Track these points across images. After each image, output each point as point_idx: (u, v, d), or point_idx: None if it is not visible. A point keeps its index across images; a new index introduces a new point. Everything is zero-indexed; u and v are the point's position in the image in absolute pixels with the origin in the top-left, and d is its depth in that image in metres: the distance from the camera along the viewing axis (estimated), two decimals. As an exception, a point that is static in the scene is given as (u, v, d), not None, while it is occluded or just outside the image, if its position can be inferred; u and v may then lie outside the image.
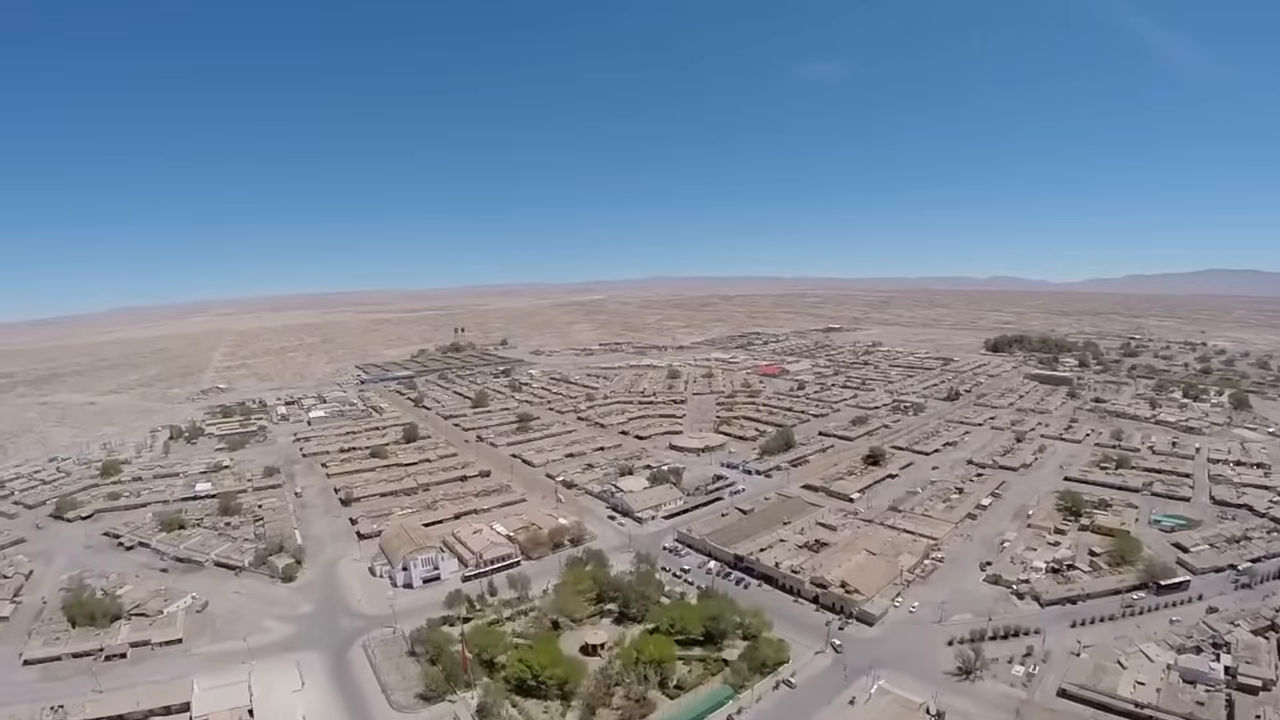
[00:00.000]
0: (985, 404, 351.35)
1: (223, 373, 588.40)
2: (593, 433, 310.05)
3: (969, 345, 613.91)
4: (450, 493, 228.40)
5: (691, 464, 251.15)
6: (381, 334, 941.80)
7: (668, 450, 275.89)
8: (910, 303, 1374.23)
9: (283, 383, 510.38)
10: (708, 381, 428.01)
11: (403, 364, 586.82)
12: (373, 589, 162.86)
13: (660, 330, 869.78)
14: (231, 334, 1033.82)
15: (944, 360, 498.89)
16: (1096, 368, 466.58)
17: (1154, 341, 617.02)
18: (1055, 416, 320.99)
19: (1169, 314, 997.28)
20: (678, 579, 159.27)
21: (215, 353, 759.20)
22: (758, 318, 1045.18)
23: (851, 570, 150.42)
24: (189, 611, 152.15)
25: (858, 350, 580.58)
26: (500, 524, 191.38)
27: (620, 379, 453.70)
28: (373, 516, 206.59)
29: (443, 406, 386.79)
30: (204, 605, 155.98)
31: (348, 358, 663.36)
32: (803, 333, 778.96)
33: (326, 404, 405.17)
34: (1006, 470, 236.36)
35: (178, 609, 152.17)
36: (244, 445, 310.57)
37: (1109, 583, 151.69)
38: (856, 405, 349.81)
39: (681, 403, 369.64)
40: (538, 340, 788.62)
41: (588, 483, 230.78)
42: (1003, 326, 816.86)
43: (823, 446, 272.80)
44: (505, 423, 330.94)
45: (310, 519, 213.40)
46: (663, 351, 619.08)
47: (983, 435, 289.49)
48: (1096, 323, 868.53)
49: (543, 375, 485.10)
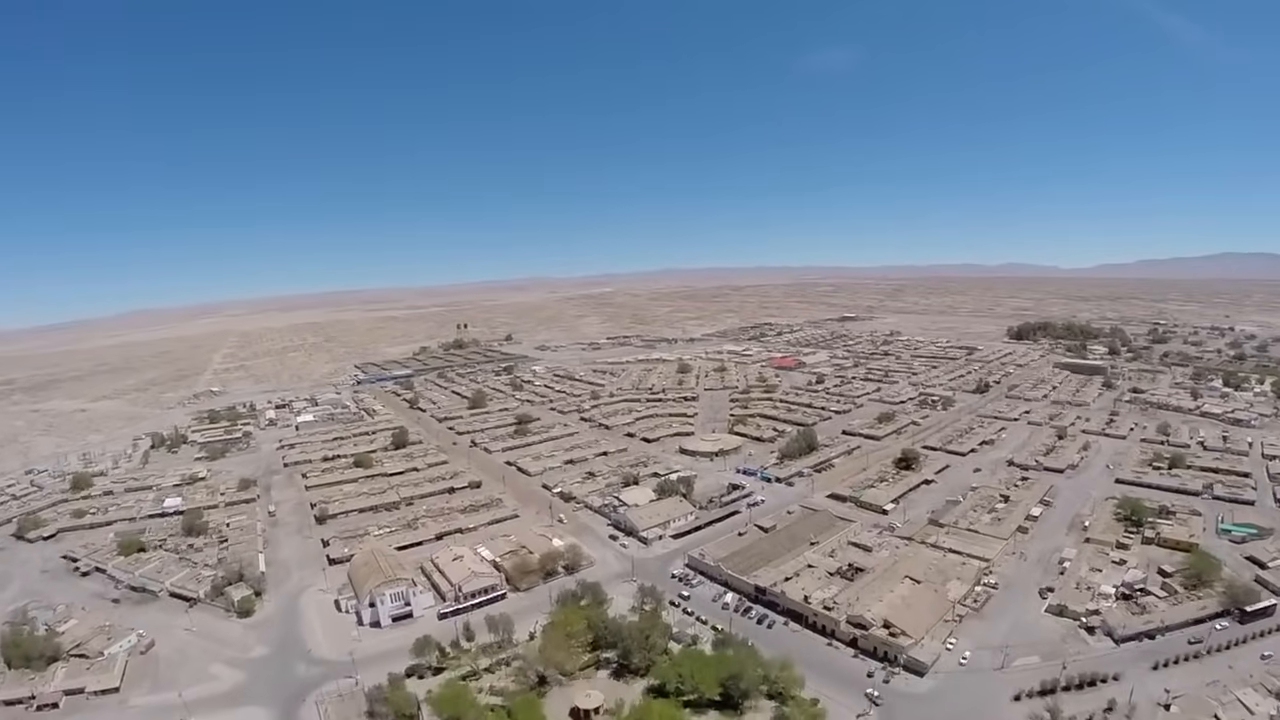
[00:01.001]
0: (1018, 396, 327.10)
1: (219, 375, 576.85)
2: (596, 435, 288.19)
3: (990, 333, 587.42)
4: (435, 508, 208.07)
5: (704, 471, 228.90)
6: (386, 332, 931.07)
7: (677, 455, 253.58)
8: (924, 290, 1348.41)
9: (279, 384, 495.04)
10: (720, 376, 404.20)
11: (403, 362, 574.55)
12: (336, 627, 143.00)
13: (670, 322, 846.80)
14: (236, 335, 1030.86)
15: (968, 349, 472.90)
16: (1127, 355, 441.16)
17: (1180, 327, 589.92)
18: (1094, 409, 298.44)
19: (1188, 298, 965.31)
20: (689, 616, 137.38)
21: (216, 355, 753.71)
22: (770, 308, 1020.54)
23: (895, 605, 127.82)
24: (132, 653, 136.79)
25: (876, 340, 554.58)
26: (486, 547, 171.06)
27: (627, 375, 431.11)
28: (346, 537, 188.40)
29: (438, 408, 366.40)
30: (149, 645, 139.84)
31: (349, 357, 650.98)
32: (817, 322, 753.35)
33: (318, 407, 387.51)
34: (1052, 472, 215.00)
35: (120, 650, 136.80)
36: (225, 454, 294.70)
37: (1188, 610, 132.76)
38: (880, 400, 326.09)
39: (692, 399, 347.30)
40: (544, 335, 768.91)
41: (588, 495, 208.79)
42: (1022, 313, 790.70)
43: (848, 448, 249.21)
44: (503, 425, 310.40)
45: (279, 540, 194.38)
46: (672, 344, 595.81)
47: (1020, 431, 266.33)
48: (1117, 308, 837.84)
49: (546, 372, 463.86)
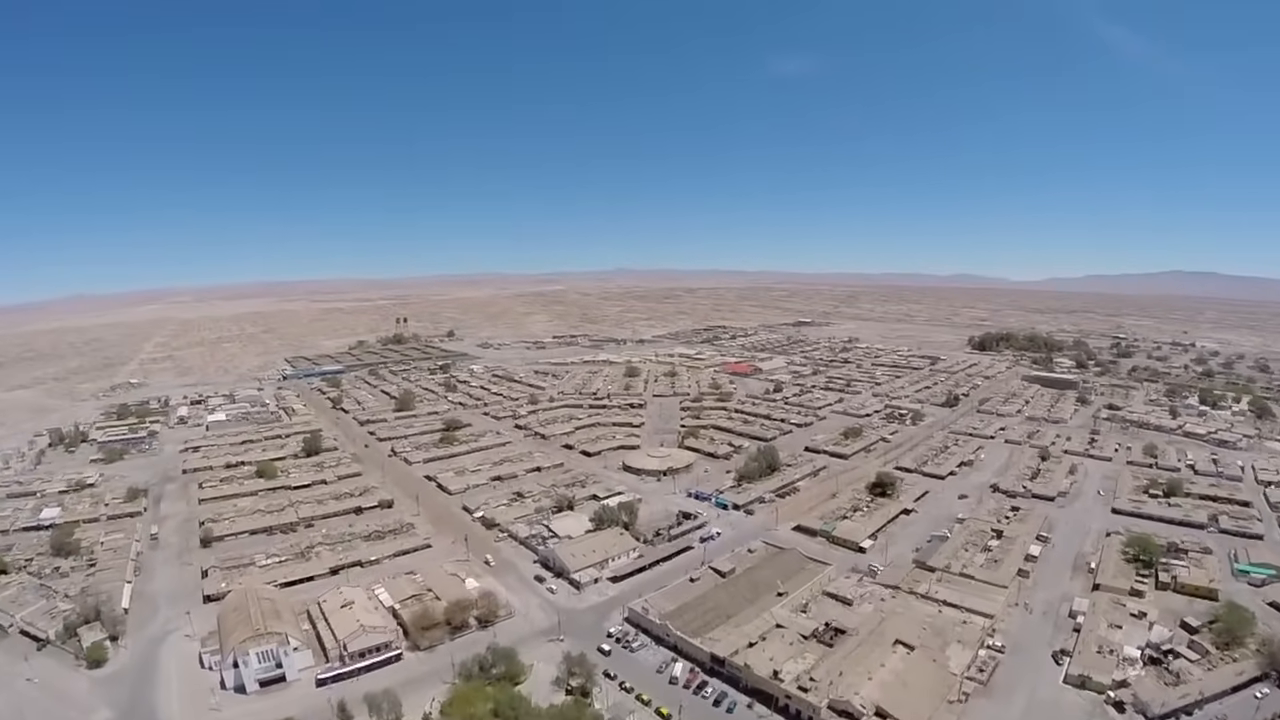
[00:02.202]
0: (990, 411, 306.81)
1: (145, 366, 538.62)
2: (530, 446, 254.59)
3: (951, 343, 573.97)
4: (336, 533, 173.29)
5: (650, 493, 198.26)
6: (328, 324, 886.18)
7: (620, 472, 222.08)
8: (878, 298, 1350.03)
9: (204, 377, 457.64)
10: (670, 381, 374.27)
11: (336, 357, 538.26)
12: (195, 689, 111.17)
13: (620, 322, 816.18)
14: (176, 323, 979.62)
15: (931, 359, 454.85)
16: (1095, 369, 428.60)
17: (1142, 341, 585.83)
18: (1072, 427, 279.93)
19: (1143, 313, 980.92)
20: (627, 694, 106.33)
21: (148, 344, 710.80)
22: (723, 310, 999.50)
23: (888, 684, 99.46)
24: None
25: (834, 346, 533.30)
26: (386, 588, 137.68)
27: (571, 377, 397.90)
28: (228, 568, 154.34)
29: (362, 409, 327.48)
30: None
31: (283, 349, 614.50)
32: (772, 326, 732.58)
33: (234, 404, 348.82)
34: (1043, 500, 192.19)
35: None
36: (123, 456, 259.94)
37: (1225, 676, 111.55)
38: (844, 411, 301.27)
39: (639, 406, 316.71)
40: (489, 331, 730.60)
41: (514, 521, 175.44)
42: (980, 324, 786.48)
43: (814, 468, 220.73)
44: (429, 430, 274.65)
45: (155, 566, 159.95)
46: (621, 345, 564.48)
47: (998, 451, 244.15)
48: (1074, 320, 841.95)
49: (485, 371, 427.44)
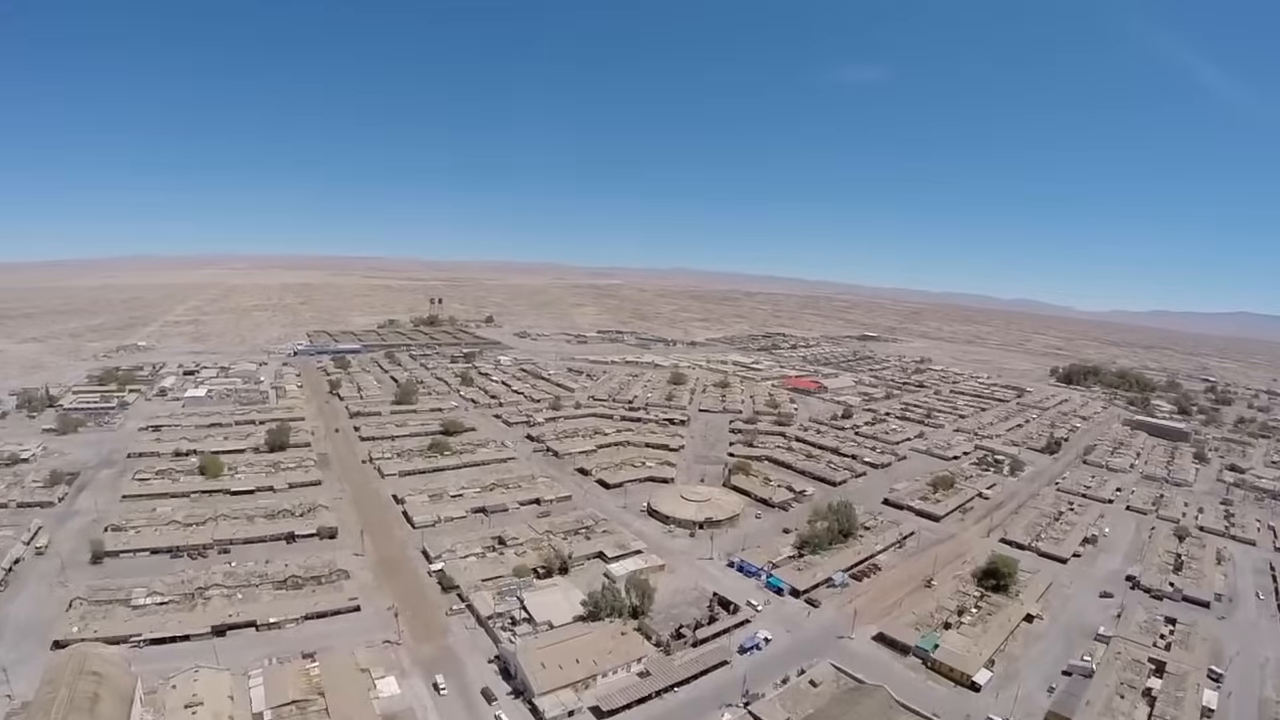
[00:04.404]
0: (1098, 463, 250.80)
1: (165, 328, 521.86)
2: (537, 466, 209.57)
3: (1032, 372, 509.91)
4: (245, 570, 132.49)
5: (678, 553, 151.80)
6: (370, 300, 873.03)
7: (643, 517, 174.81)
8: (943, 316, 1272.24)
9: (218, 345, 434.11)
10: (721, 393, 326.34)
11: (361, 335, 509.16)
12: None
13: (673, 321, 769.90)
14: (221, 288, 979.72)
15: (1017, 391, 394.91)
16: (1198, 417, 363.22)
17: (1236, 387, 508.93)
18: (1198, 493, 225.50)
19: (1221, 355, 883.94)
20: None
21: (181, 306, 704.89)
22: (782, 318, 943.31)
23: None
24: None
25: (906, 367, 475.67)
26: (264, 681, 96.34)
27: (608, 378, 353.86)
28: (97, 602, 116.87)
29: (360, 397, 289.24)
30: None
31: (312, 323, 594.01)
32: (835, 339, 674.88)
33: (225, 379, 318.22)
34: (1196, 606, 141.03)
35: None
36: (78, 428, 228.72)
37: None
38: (928, 451, 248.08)
39: (681, 423, 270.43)
40: (531, 320, 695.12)
41: (481, 584, 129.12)
42: (1056, 352, 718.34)
43: (899, 534, 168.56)
44: (423, 432, 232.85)
45: (22, 585, 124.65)
46: (670, 347, 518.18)
47: (1123, 523, 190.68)
48: (1155, 357, 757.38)
49: (513, 364, 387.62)
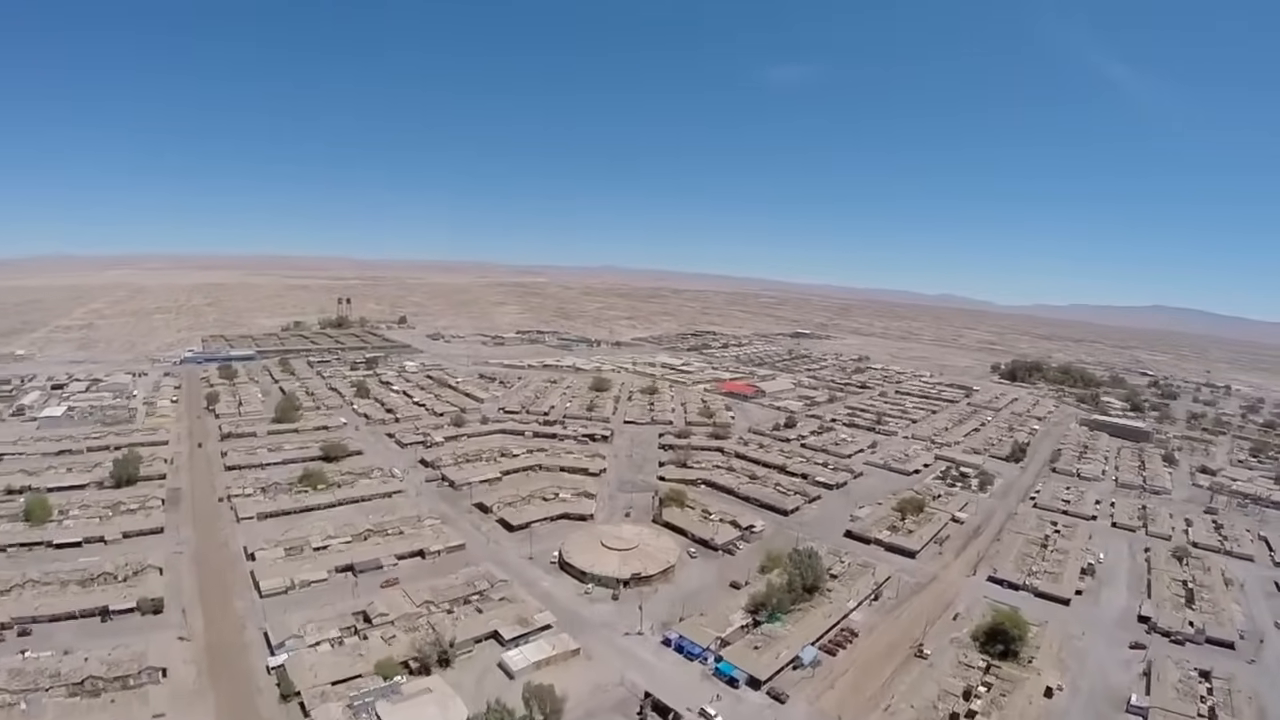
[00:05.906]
0: (1068, 471, 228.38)
1: (54, 334, 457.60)
2: (427, 503, 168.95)
3: (972, 368, 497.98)
4: (34, 668, 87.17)
5: (597, 628, 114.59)
6: (283, 301, 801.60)
7: (554, 571, 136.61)
8: (872, 313, 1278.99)
9: (104, 353, 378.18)
10: (649, 401, 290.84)
11: (259, 339, 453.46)
12: None
13: (598, 320, 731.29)
14: (129, 288, 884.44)
15: (964, 390, 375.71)
16: (1153, 414, 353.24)
17: (1176, 381, 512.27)
18: (1178, 501, 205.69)
19: (1151, 348, 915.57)
20: None
21: (80, 309, 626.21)
22: (711, 315, 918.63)
23: None
24: None
25: (845, 366, 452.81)
26: None
27: (524, 386, 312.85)
28: None
29: (239, 413, 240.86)
30: None
31: (214, 326, 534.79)
32: (768, 336, 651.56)
33: (94, 393, 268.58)
34: (1219, 648, 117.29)
35: None
36: None
37: None
38: (885, 464, 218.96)
39: (604, 438, 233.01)
40: (449, 320, 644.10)
41: (327, 688, 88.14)
42: (990, 347, 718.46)
43: (873, 582, 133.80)
44: (300, 458, 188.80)
45: None
46: (594, 348, 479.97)
47: (1115, 545, 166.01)
48: (1089, 351, 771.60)
49: (419, 371, 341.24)
